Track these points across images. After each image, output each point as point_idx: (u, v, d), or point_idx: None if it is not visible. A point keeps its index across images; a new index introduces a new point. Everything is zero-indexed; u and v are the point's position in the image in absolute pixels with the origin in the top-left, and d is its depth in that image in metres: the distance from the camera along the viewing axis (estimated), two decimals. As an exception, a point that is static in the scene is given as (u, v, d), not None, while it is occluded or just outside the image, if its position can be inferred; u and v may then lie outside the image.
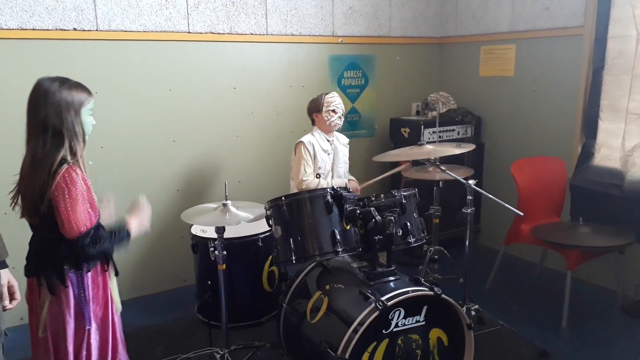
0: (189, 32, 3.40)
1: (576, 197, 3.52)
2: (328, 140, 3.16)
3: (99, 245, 1.77)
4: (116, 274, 1.97)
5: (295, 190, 3.05)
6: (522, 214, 2.41)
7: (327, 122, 3.09)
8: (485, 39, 4.11)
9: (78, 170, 1.74)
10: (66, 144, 1.74)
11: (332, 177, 3.20)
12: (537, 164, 3.47)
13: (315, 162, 3.08)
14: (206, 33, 3.45)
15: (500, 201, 2.45)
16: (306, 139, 3.08)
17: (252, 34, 3.61)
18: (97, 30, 3.10)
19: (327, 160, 3.15)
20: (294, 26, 3.77)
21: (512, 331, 2.84)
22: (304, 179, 3.02)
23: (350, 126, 4.21)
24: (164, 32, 3.32)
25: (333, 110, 3.09)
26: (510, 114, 4.01)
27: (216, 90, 3.55)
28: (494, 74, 4.10)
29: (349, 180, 3.25)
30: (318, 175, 3.10)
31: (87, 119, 1.82)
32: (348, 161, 3.32)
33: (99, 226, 1.82)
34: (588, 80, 3.45)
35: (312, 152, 3.05)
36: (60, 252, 1.75)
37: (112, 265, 1.94)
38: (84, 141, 1.80)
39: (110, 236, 1.83)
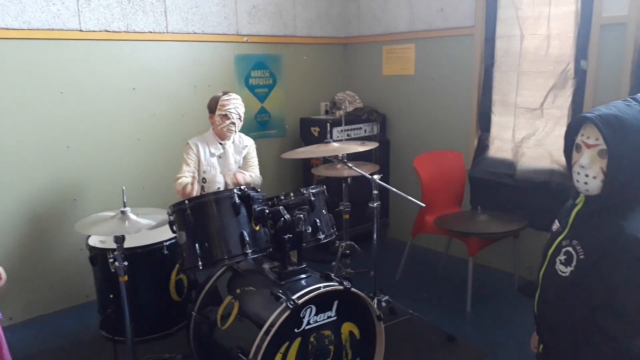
0: (81, 31, 3.18)
1: (474, 188, 3.75)
2: (221, 144, 3.00)
3: None
4: None
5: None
6: (423, 205, 2.50)
7: (219, 127, 2.92)
8: (386, 38, 4.25)
9: None
10: None
11: (225, 184, 2.99)
12: (438, 158, 3.64)
13: (200, 166, 2.94)
14: (100, 31, 3.25)
15: (403, 194, 2.53)
16: (192, 140, 2.97)
17: (151, 32, 3.46)
18: (-30, 27, 2.81)
19: (215, 165, 2.99)
20: (196, 24, 3.66)
21: (421, 319, 2.95)
22: (177, 175, 2.89)
23: (261, 126, 4.18)
24: (52, 30, 3.08)
25: (225, 115, 2.88)
26: (413, 111, 4.18)
27: (113, 91, 3.36)
28: (396, 73, 4.25)
29: (235, 173, 3.01)
30: (204, 180, 2.96)
31: None
32: (249, 164, 3.13)
33: None
34: (480, 77, 3.68)
35: (196, 153, 2.93)
36: None
37: None
38: None
39: None
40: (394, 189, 2.62)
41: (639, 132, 1.40)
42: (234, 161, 3.07)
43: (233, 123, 2.91)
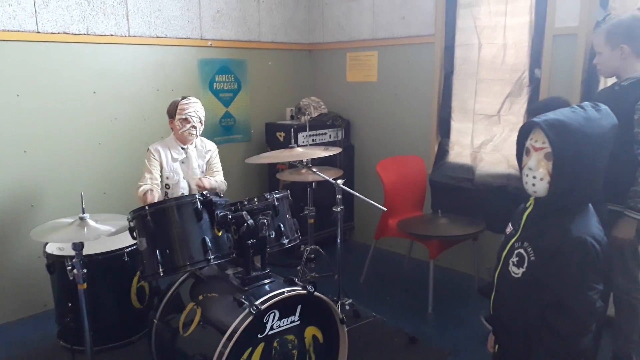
0: (38, 32, 3.10)
1: (435, 192, 3.84)
2: (183, 148, 2.99)
3: None
4: None
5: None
6: (385, 209, 2.55)
7: (180, 131, 2.90)
8: (350, 45, 4.31)
9: None
10: None
11: (189, 189, 3.00)
12: (400, 163, 3.71)
13: (162, 172, 2.92)
14: (59, 33, 3.18)
15: (366, 198, 2.58)
16: (153, 145, 2.94)
17: (112, 35, 3.40)
18: None
19: (178, 170, 2.97)
20: (159, 28, 3.62)
21: (384, 321, 3.00)
22: (139, 183, 2.86)
23: (226, 131, 4.16)
24: (7, 31, 3.00)
25: (185, 119, 2.86)
26: (376, 117, 4.25)
27: (72, 95, 3.28)
28: (359, 80, 4.32)
29: (200, 178, 3.02)
30: (167, 186, 2.94)
31: None
32: (214, 169, 3.13)
33: None
34: (440, 84, 3.78)
35: (158, 159, 2.91)
36: None
37: None
38: None
39: None
40: (356, 194, 2.66)
41: (581, 136, 1.49)
42: (197, 166, 3.04)
43: (194, 127, 2.91)
